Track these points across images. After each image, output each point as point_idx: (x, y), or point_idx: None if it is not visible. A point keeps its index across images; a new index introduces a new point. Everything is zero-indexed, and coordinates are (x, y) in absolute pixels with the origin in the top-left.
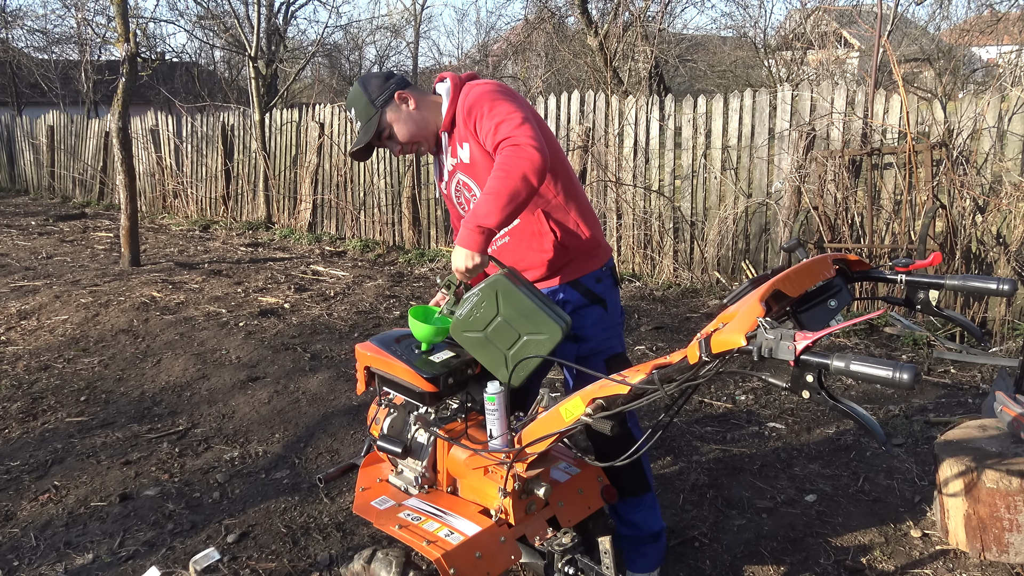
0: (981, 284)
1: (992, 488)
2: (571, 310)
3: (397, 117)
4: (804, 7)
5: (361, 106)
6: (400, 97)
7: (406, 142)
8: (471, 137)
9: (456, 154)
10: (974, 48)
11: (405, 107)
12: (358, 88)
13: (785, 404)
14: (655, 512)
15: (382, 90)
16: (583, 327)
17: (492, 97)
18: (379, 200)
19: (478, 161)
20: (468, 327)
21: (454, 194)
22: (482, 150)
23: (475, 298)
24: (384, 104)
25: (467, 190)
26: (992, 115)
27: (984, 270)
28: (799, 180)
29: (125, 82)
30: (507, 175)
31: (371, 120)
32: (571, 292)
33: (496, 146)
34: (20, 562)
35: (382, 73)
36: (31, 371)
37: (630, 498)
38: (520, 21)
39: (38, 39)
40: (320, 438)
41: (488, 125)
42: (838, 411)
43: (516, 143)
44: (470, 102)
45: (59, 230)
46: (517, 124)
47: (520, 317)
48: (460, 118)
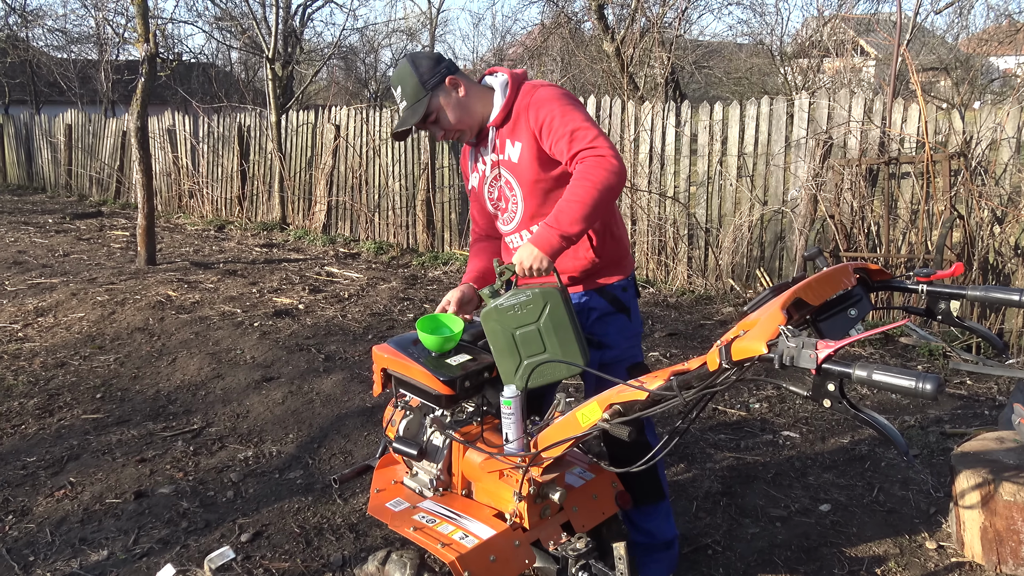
0: (1003, 296)
1: (1009, 501)
2: (596, 317)
3: (447, 102)
4: (821, 15)
5: (410, 86)
6: (451, 82)
7: (451, 128)
8: (527, 137)
9: (502, 150)
10: (992, 58)
11: (455, 93)
12: (408, 67)
13: (799, 412)
14: (669, 520)
15: (433, 72)
16: (607, 334)
17: (563, 103)
18: (393, 203)
19: (527, 162)
20: (502, 319)
21: (487, 188)
22: (534, 152)
23: (524, 297)
24: (435, 87)
25: (508, 188)
26: (1011, 125)
27: (1002, 281)
28: (815, 188)
29: (144, 82)
30: (592, 185)
31: (420, 102)
32: (598, 299)
33: (574, 154)
34: (36, 557)
35: (432, 54)
36: (48, 368)
37: (645, 506)
38: (536, 26)
39: (57, 38)
40: (334, 439)
41: (562, 132)
42: (859, 420)
43: (600, 154)
44: (536, 104)
45: (76, 228)
46: (595, 135)
47: (554, 335)
48: (521, 117)
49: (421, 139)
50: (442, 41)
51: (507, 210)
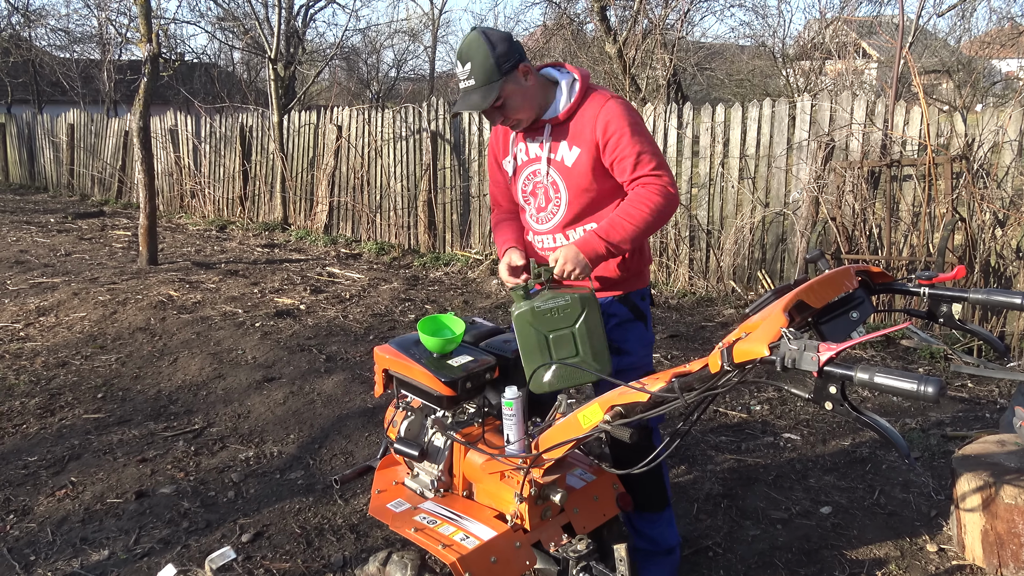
0: (1005, 299)
1: (1010, 504)
2: (616, 323)
3: (517, 90)
4: (823, 17)
5: (483, 67)
6: (524, 69)
7: (515, 116)
8: (589, 146)
9: (555, 151)
10: (994, 60)
11: (525, 81)
12: (483, 44)
13: (800, 415)
14: (672, 528)
15: (509, 56)
16: (626, 341)
17: (634, 124)
18: (395, 203)
19: (581, 169)
20: (537, 320)
21: (523, 178)
22: (591, 162)
23: (562, 301)
24: (509, 71)
25: (553, 188)
26: (1013, 128)
27: (1003, 284)
28: (817, 190)
29: (147, 82)
30: (648, 209)
31: (493, 85)
32: (619, 307)
33: (636, 177)
34: (37, 557)
35: (506, 34)
36: (49, 367)
37: (649, 513)
38: (539, 27)
39: (60, 38)
40: (335, 439)
41: (628, 152)
42: (861, 423)
43: (661, 182)
44: (607, 117)
45: (78, 228)
46: (659, 162)
47: (588, 341)
48: (587, 125)
49: (423, 139)
50: (444, 42)
51: (544, 209)
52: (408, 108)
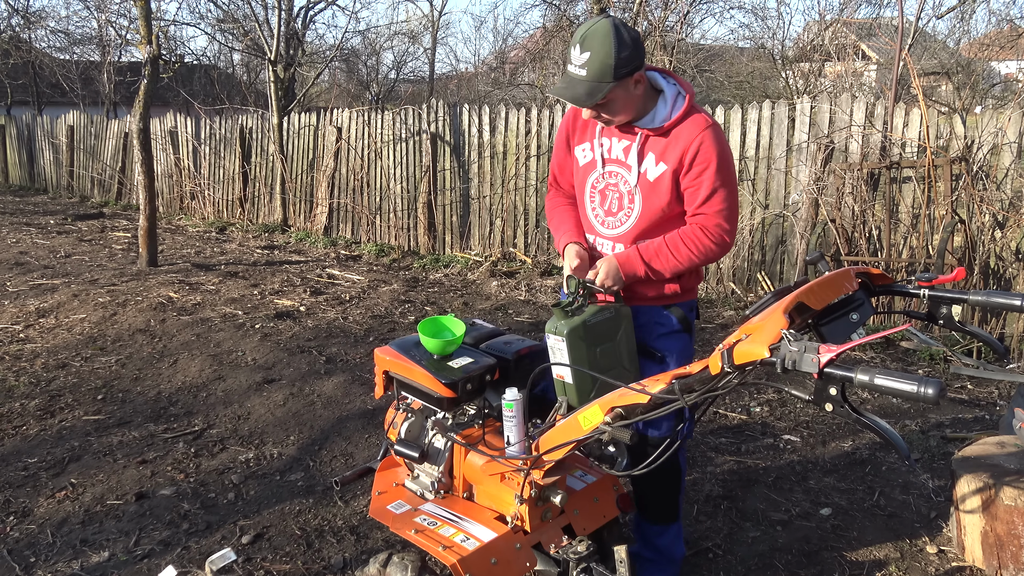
0: (1005, 300)
1: (1010, 505)
2: (663, 333)
3: (624, 94)
4: (823, 19)
5: (601, 64)
6: (638, 77)
7: (610, 116)
8: (675, 165)
9: (641, 162)
10: (993, 62)
11: (634, 88)
12: (609, 40)
13: (800, 416)
14: (679, 541)
15: (630, 62)
16: (670, 351)
17: (723, 160)
18: (395, 205)
19: (664, 188)
20: (589, 335)
21: (594, 177)
22: (672, 183)
23: (608, 314)
24: (624, 77)
25: (628, 198)
26: (1013, 130)
27: (1002, 286)
28: (817, 192)
29: (147, 84)
30: (698, 252)
31: (602, 85)
32: (669, 317)
33: (700, 213)
34: (37, 558)
35: (637, 36)
36: (49, 369)
37: (659, 524)
38: (538, 29)
39: (60, 39)
40: (335, 441)
41: (707, 187)
42: (861, 424)
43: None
44: (704, 143)
45: (77, 229)
46: (730, 208)
47: (625, 351)
48: (680, 144)
49: (422, 142)
50: (443, 44)
51: (614, 215)
52: (408, 110)
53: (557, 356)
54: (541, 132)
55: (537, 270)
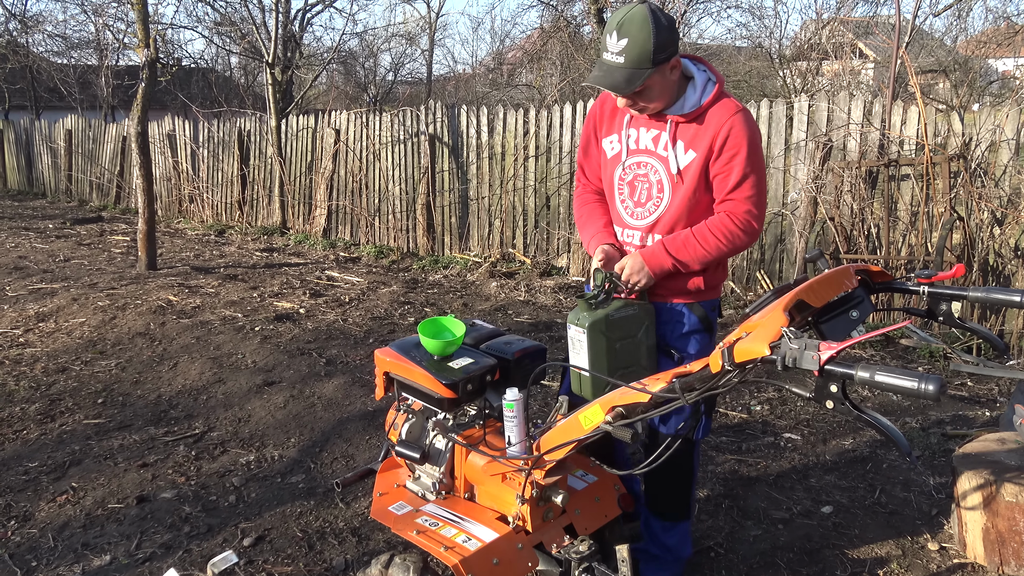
0: (1005, 297)
1: (1011, 502)
2: (684, 331)
3: (661, 80)
4: (819, 18)
5: (640, 50)
6: (674, 63)
7: (646, 103)
8: (705, 151)
9: (671, 148)
10: (990, 60)
11: (670, 74)
12: (647, 25)
13: (801, 415)
14: (687, 540)
15: (668, 46)
16: (690, 350)
17: (753, 145)
18: (394, 207)
19: (693, 174)
20: (611, 330)
21: (622, 167)
22: (701, 170)
23: (632, 311)
24: (661, 63)
25: (657, 187)
26: (1010, 127)
27: (1002, 282)
28: (815, 191)
29: (145, 87)
30: (727, 240)
31: (641, 71)
32: (689, 315)
33: (729, 200)
34: (38, 562)
35: (671, 19)
36: (49, 373)
37: (668, 521)
38: (535, 29)
39: (57, 43)
40: (335, 443)
41: (736, 173)
42: (862, 421)
43: (748, 215)
44: (733, 129)
45: (76, 233)
46: (759, 195)
47: (645, 349)
48: (710, 130)
49: (421, 143)
50: (441, 45)
51: (643, 205)
52: (406, 111)
53: (576, 348)
54: (539, 133)
55: (536, 271)
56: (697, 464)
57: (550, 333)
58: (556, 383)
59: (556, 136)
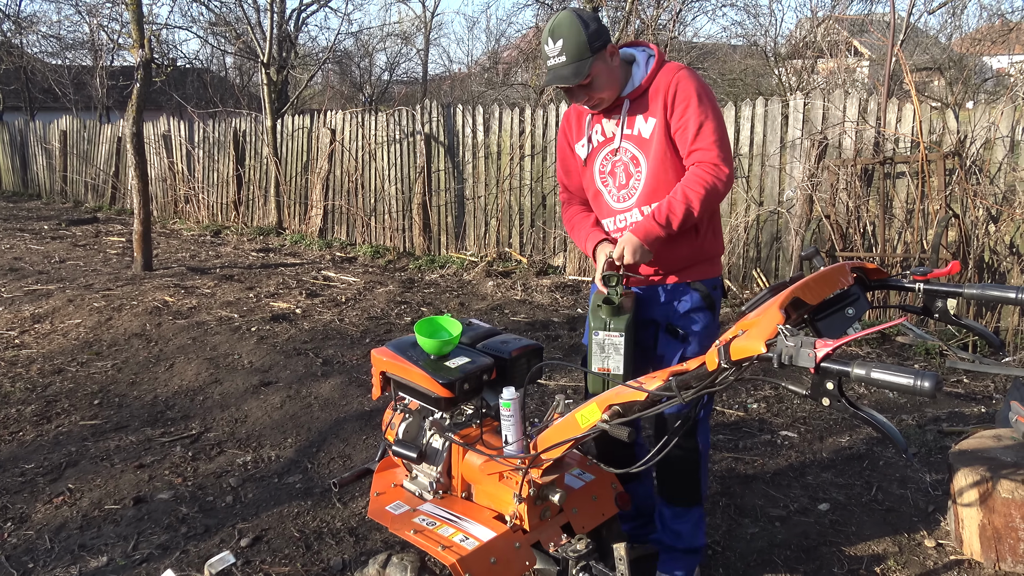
0: (1000, 293)
1: (1007, 498)
2: (686, 310)
3: (604, 68)
4: (814, 16)
5: (575, 43)
6: (611, 49)
7: (599, 95)
8: (662, 113)
9: (633, 125)
10: (984, 57)
11: (611, 61)
12: (575, 22)
13: (797, 412)
14: (699, 529)
15: (599, 35)
16: (692, 329)
17: (702, 94)
18: (390, 206)
19: (659, 138)
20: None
21: (600, 161)
22: (664, 130)
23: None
24: (598, 51)
25: (633, 163)
26: (1005, 124)
27: (997, 280)
28: (811, 188)
29: (140, 88)
30: (701, 187)
31: (583, 62)
32: (691, 293)
33: (695, 150)
34: (35, 564)
35: (595, 16)
36: (45, 374)
37: (677, 507)
38: (531, 28)
39: (52, 44)
40: (332, 443)
41: (693, 122)
42: (858, 419)
43: (714, 160)
44: (678, 84)
45: (72, 234)
46: (717, 138)
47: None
48: (660, 93)
49: (416, 142)
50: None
51: (626, 186)
52: (401, 111)
53: (608, 351)
54: (535, 132)
55: (532, 270)
56: (706, 444)
57: (547, 332)
58: (553, 382)
59: (552, 135)
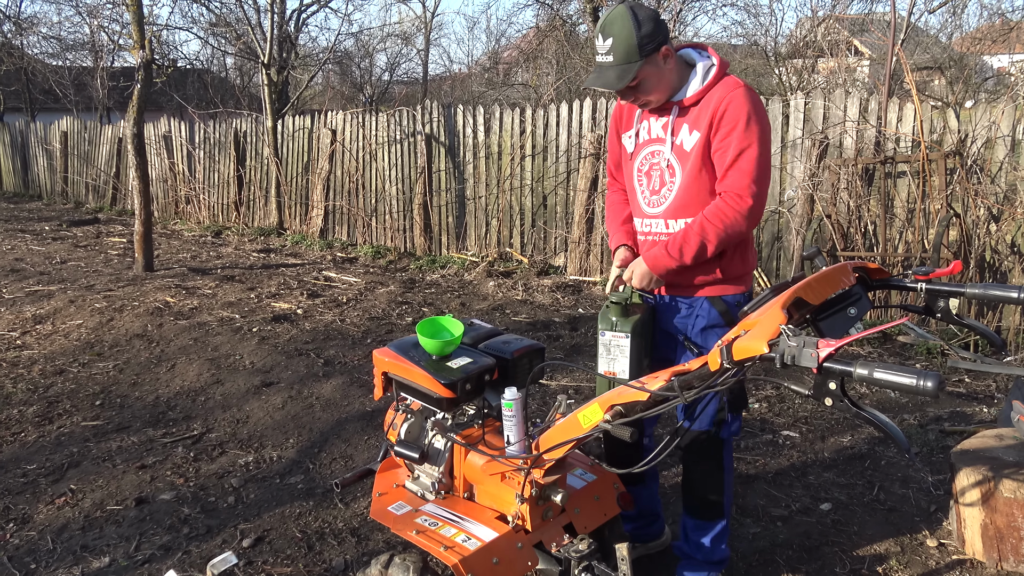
0: (1002, 293)
1: (1009, 498)
2: (703, 326)
3: (655, 71)
4: (815, 15)
5: (625, 45)
6: (665, 52)
7: (646, 97)
8: (705, 131)
9: (677, 133)
10: (985, 56)
11: (663, 63)
12: (629, 22)
13: (799, 412)
14: (720, 543)
15: (653, 38)
16: (708, 345)
17: (752, 119)
18: (391, 207)
19: (698, 153)
20: (643, 330)
21: (642, 161)
22: (704, 147)
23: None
24: (650, 53)
25: (669, 172)
26: (1006, 123)
27: (998, 279)
28: (812, 188)
29: (140, 88)
30: (721, 225)
31: (631, 65)
32: (710, 309)
33: (729, 177)
34: (37, 565)
35: (655, 14)
36: (47, 375)
37: (700, 519)
38: (531, 29)
39: (52, 45)
40: (334, 443)
41: (734, 147)
42: (860, 418)
43: (740, 195)
44: (729, 105)
45: (73, 235)
46: (752, 170)
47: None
48: (711, 108)
49: (417, 142)
50: (436, 45)
51: (658, 192)
52: (402, 111)
53: (614, 353)
54: (536, 132)
55: (534, 270)
56: (730, 464)
57: (548, 332)
58: (555, 382)
59: (552, 135)
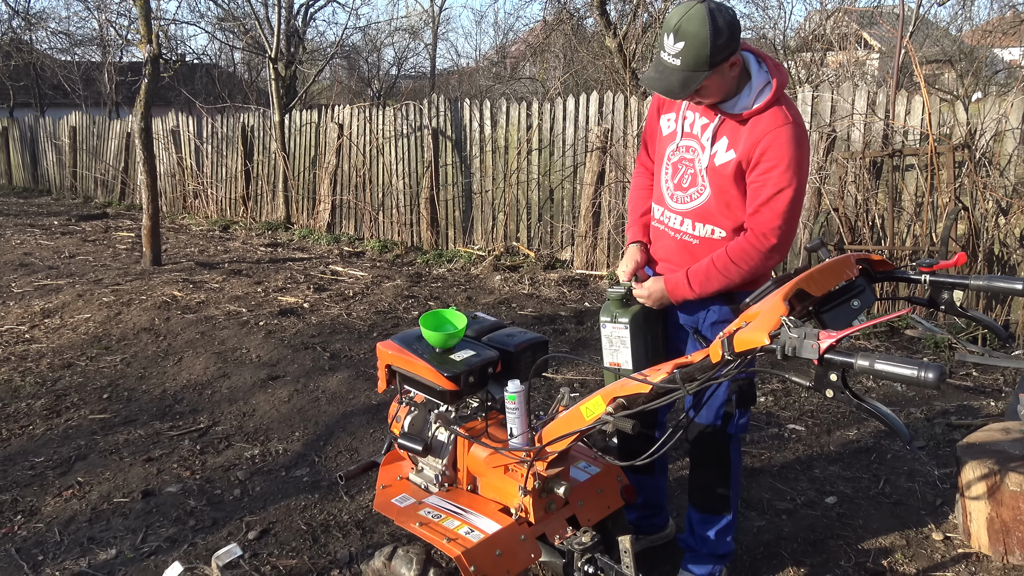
0: (1006, 285)
1: (1015, 491)
2: (715, 320)
3: (719, 80)
4: (824, 8)
5: (697, 54)
6: (733, 61)
7: (705, 100)
8: (744, 156)
9: (715, 143)
10: (996, 49)
11: (728, 72)
12: (706, 29)
13: (805, 405)
14: (726, 537)
15: (727, 47)
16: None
17: (795, 161)
18: (397, 201)
19: (729, 175)
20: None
21: (674, 150)
22: (735, 173)
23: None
24: (719, 64)
25: (701, 177)
26: (1015, 116)
27: (1007, 272)
28: (819, 181)
29: (148, 83)
30: (747, 267)
31: (698, 74)
32: (721, 306)
33: (760, 214)
34: (44, 556)
35: (734, 21)
36: (55, 369)
37: (706, 513)
38: (538, 22)
39: (61, 40)
40: (339, 436)
41: (771, 187)
42: (863, 410)
43: (765, 234)
44: (772, 143)
45: (81, 230)
46: (791, 214)
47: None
48: (753, 134)
49: (424, 137)
50: (444, 39)
51: (685, 190)
52: (409, 105)
53: (616, 344)
54: (543, 126)
55: (540, 264)
56: (737, 459)
57: (554, 326)
58: (558, 375)
59: (559, 129)
